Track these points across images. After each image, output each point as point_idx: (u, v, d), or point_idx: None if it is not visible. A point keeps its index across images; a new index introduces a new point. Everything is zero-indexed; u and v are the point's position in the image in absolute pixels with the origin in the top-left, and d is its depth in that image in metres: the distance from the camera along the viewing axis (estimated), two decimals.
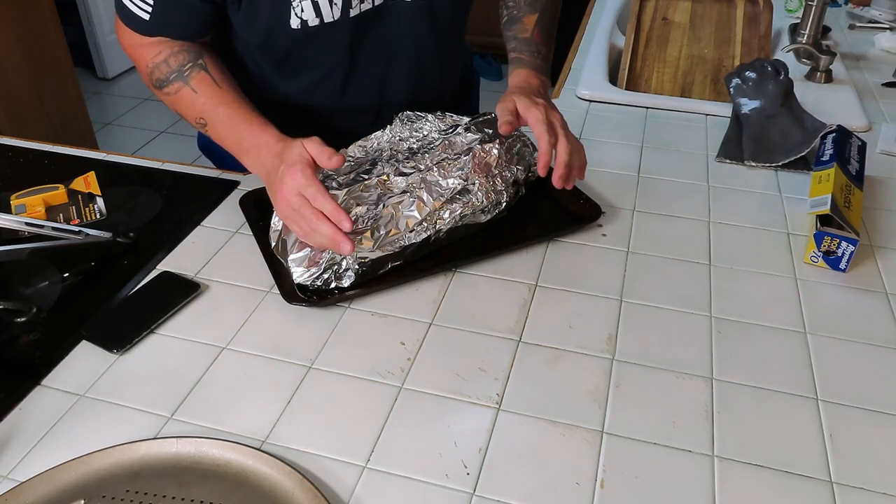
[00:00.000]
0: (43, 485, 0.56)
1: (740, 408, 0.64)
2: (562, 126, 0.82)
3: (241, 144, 0.82)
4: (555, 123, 0.81)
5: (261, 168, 0.80)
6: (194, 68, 0.84)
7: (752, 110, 1.07)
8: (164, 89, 0.86)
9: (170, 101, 0.87)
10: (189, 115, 0.86)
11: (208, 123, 0.84)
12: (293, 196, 0.73)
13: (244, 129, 0.82)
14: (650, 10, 1.38)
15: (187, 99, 0.85)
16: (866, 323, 0.74)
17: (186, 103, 0.85)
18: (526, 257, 0.83)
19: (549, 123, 0.80)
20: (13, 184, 0.92)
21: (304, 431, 0.62)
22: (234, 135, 0.83)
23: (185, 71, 0.84)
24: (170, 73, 0.84)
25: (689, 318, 0.74)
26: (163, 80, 0.85)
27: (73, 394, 0.65)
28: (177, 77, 0.84)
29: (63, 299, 0.76)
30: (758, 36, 1.34)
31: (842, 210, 0.82)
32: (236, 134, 0.82)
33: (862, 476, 0.58)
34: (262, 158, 0.79)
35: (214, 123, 0.84)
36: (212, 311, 0.75)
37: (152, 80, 0.86)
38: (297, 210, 0.73)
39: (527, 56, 0.94)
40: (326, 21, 0.84)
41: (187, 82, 0.84)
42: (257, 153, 0.80)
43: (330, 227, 0.71)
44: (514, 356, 0.70)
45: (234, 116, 0.83)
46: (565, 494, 0.57)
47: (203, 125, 0.85)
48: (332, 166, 0.74)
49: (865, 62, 1.41)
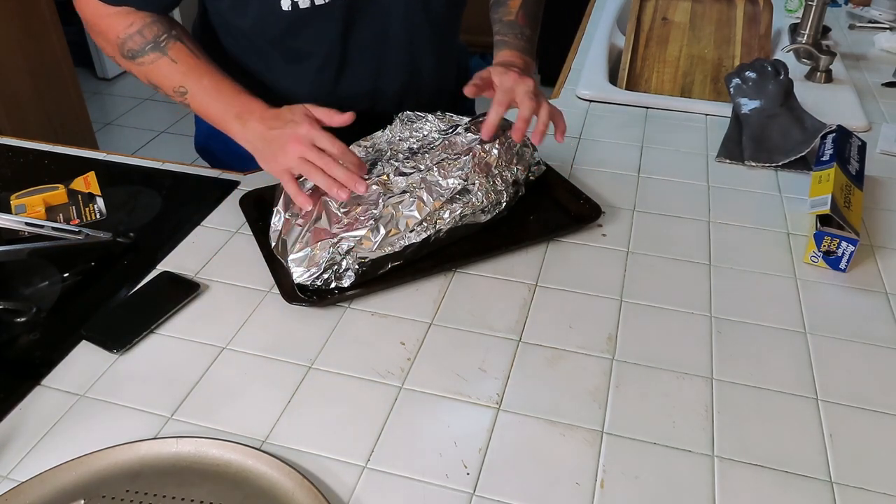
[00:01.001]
0: (43, 485, 0.56)
1: (740, 408, 0.64)
2: (529, 90, 0.83)
3: (229, 111, 0.82)
4: (519, 90, 0.82)
5: (252, 133, 0.80)
6: (170, 39, 0.84)
7: (752, 110, 1.07)
8: (138, 59, 0.85)
9: (143, 72, 0.86)
10: (166, 84, 0.86)
11: (189, 92, 0.84)
12: (306, 146, 0.76)
13: (232, 97, 0.82)
14: (650, 10, 1.38)
15: (165, 68, 0.84)
16: (866, 323, 0.74)
17: (164, 73, 0.85)
18: (526, 257, 0.83)
19: (509, 91, 0.82)
20: (13, 184, 0.92)
21: (304, 431, 0.62)
22: (220, 103, 0.83)
23: (162, 42, 0.84)
24: (145, 44, 0.84)
25: (689, 318, 0.74)
26: (137, 50, 0.85)
27: (72, 394, 0.65)
28: (153, 48, 0.84)
29: (63, 299, 0.76)
30: (758, 36, 1.34)
31: (842, 210, 0.82)
32: (223, 101, 0.83)
33: (862, 476, 0.58)
34: (253, 124, 0.80)
35: (197, 92, 0.84)
36: (212, 311, 0.75)
37: (123, 50, 0.85)
38: (310, 158, 0.75)
39: (511, 38, 0.95)
40: (317, 3, 0.84)
41: (165, 52, 0.84)
42: (248, 118, 0.81)
43: (343, 170, 0.75)
44: (514, 356, 0.70)
45: (220, 85, 0.83)
46: (565, 494, 0.57)
47: (183, 93, 0.85)
48: (341, 122, 0.76)
49: (865, 62, 1.41)
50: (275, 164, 0.79)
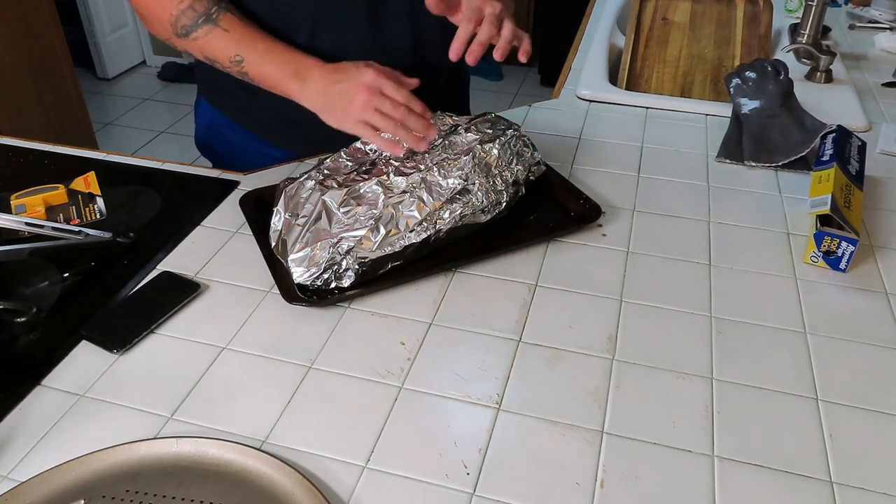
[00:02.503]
0: (43, 485, 0.56)
1: (740, 408, 0.64)
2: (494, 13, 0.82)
3: (286, 70, 0.84)
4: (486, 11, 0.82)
5: (311, 91, 0.83)
6: (220, 10, 0.86)
7: (752, 110, 1.07)
8: (193, 34, 0.86)
9: (198, 47, 0.88)
10: (223, 55, 0.87)
11: (246, 59, 0.86)
12: (376, 96, 0.79)
13: (289, 57, 0.85)
14: (650, 10, 1.38)
15: (221, 40, 0.86)
16: (866, 323, 0.74)
17: (220, 44, 0.86)
18: (526, 257, 0.83)
19: (477, 11, 0.82)
20: (13, 184, 0.92)
21: (304, 431, 0.62)
22: (277, 63, 0.85)
23: (213, 14, 0.85)
24: (198, 17, 0.85)
25: (689, 318, 0.74)
26: (190, 26, 0.86)
27: (72, 394, 0.65)
28: (206, 20, 0.85)
29: (63, 299, 0.76)
30: (758, 36, 1.34)
31: (842, 210, 0.82)
32: (280, 62, 0.85)
33: (862, 476, 0.58)
34: (312, 82, 0.83)
35: (253, 57, 0.86)
36: (212, 311, 0.75)
37: (177, 28, 0.86)
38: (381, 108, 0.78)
39: None
40: None
41: (217, 23, 0.85)
42: (307, 75, 0.83)
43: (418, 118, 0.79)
44: (514, 356, 0.70)
45: (275, 48, 0.85)
46: (565, 494, 0.57)
47: (239, 61, 0.86)
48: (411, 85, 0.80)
49: (865, 62, 1.41)
50: (345, 119, 0.81)
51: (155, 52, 3.78)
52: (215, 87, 1.05)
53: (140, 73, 3.76)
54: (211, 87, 1.07)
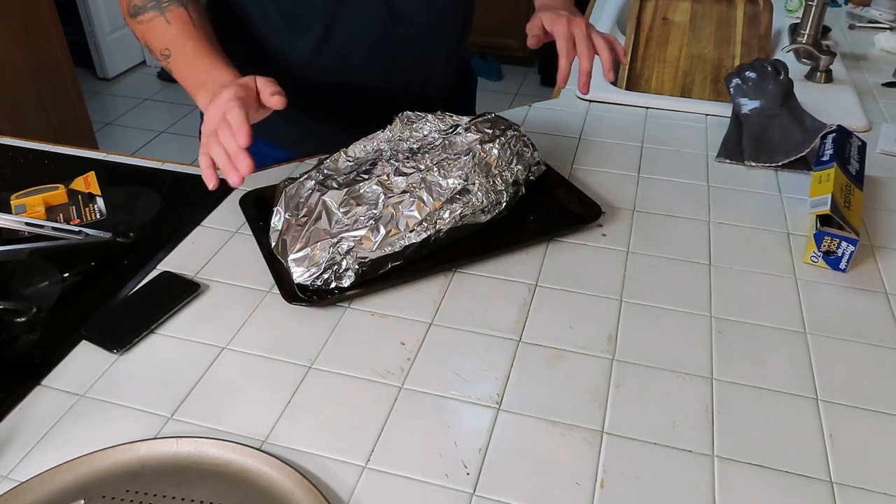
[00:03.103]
0: (43, 485, 0.56)
1: (740, 408, 0.64)
2: (585, 36, 0.89)
3: (198, 78, 0.80)
4: (576, 35, 0.88)
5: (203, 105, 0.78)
6: (173, 3, 0.85)
7: (752, 110, 1.07)
8: (139, 17, 0.86)
9: (140, 31, 0.87)
10: (156, 45, 0.85)
11: (172, 55, 0.83)
12: (217, 111, 0.71)
13: (207, 65, 0.81)
14: (650, 10, 1.38)
15: (158, 28, 0.84)
16: (866, 323, 0.74)
17: (157, 33, 0.85)
18: (526, 257, 0.83)
19: (569, 38, 0.88)
20: (13, 184, 0.92)
21: (304, 431, 0.62)
22: (193, 68, 0.82)
23: (164, 3, 0.84)
24: (148, 1, 0.85)
25: (689, 318, 0.74)
26: (139, 7, 0.85)
27: (72, 394, 0.65)
28: (154, 6, 0.84)
29: (63, 299, 0.76)
30: (758, 36, 1.34)
31: (842, 210, 0.82)
32: (196, 68, 0.81)
33: (862, 476, 0.58)
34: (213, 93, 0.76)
35: (178, 56, 0.83)
36: (212, 311, 0.75)
37: (129, 7, 0.86)
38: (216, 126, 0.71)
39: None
40: None
41: (163, 13, 0.84)
42: (211, 87, 0.77)
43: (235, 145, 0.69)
44: (514, 356, 0.70)
45: (200, 52, 0.82)
46: (565, 494, 0.57)
47: (167, 56, 0.84)
48: (273, 105, 0.73)
49: (865, 62, 1.41)
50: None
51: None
52: None
53: (140, 73, 3.76)
54: None
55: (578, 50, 0.89)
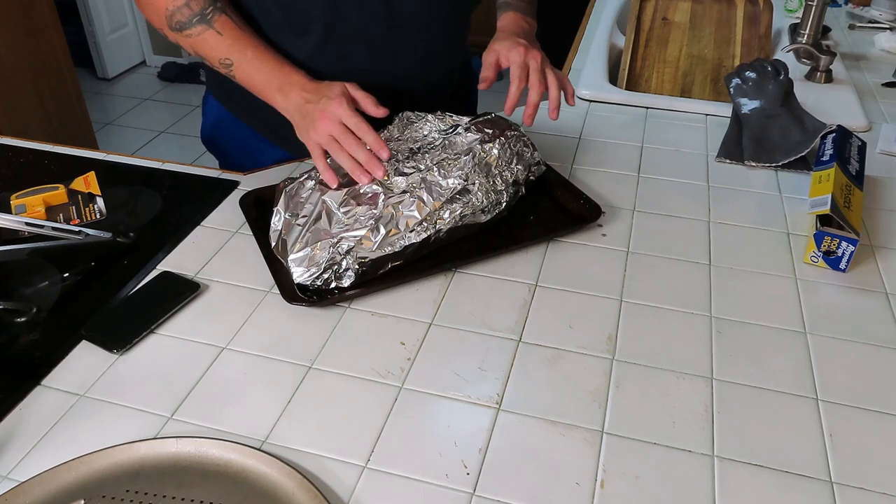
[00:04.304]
0: (43, 485, 0.56)
1: (740, 408, 0.64)
2: (538, 68, 0.88)
3: (272, 82, 0.85)
4: (531, 66, 0.88)
5: (292, 104, 0.83)
6: (216, 12, 0.86)
7: (752, 110, 1.07)
8: (185, 31, 0.87)
9: (190, 44, 0.88)
10: (213, 56, 0.88)
11: (234, 63, 0.87)
12: (334, 124, 0.78)
13: (275, 69, 0.85)
14: (650, 10, 1.38)
15: (212, 41, 0.86)
16: (866, 323, 0.74)
17: (211, 45, 0.87)
18: (526, 257, 0.83)
19: (523, 66, 0.87)
20: (13, 184, 0.92)
21: (304, 431, 0.62)
22: (264, 73, 0.86)
23: (208, 14, 0.86)
24: (192, 16, 0.86)
25: (689, 318, 0.74)
26: (185, 22, 0.86)
27: (72, 394, 0.65)
28: (200, 20, 0.86)
29: (63, 299, 0.76)
30: (758, 36, 1.34)
31: (842, 210, 0.82)
32: (267, 72, 0.85)
33: (862, 476, 0.58)
34: (294, 95, 0.83)
35: (242, 63, 0.86)
36: (212, 311, 0.75)
37: (171, 23, 0.87)
38: (335, 137, 0.78)
39: (513, 0, 1.00)
40: None
41: (211, 25, 0.86)
42: (289, 90, 0.83)
43: (366, 153, 0.78)
44: (514, 356, 0.70)
45: (263, 57, 0.86)
46: (565, 494, 0.57)
47: (228, 65, 0.87)
48: (378, 114, 0.79)
49: (865, 62, 1.41)
50: (306, 139, 0.82)
51: (155, 53, 3.78)
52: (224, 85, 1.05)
53: (140, 73, 3.76)
54: (220, 84, 1.07)
55: (530, 81, 0.88)
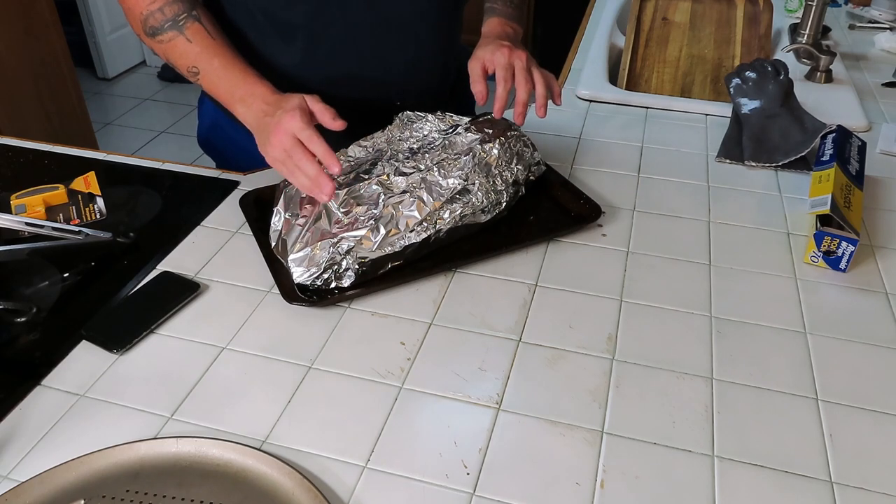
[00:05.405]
0: (43, 485, 0.56)
1: (740, 408, 0.64)
2: (524, 67, 0.87)
3: (235, 93, 0.83)
4: (516, 65, 0.87)
5: (252, 117, 0.81)
6: (189, 19, 0.85)
7: (752, 110, 1.07)
8: (157, 37, 0.86)
9: (161, 50, 0.88)
10: (181, 63, 0.87)
11: (201, 72, 0.85)
12: (287, 137, 0.74)
13: (239, 79, 0.83)
14: (650, 10, 1.38)
15: (181, 48, 0.86)
16: (866, 323, 0.74)
17: (180, 52, 0.86)
18: (526, 257, 0.83)
19: (508, 67, 0.86)
20: (13, 184, 0.92)
21: (304, 431, 0.62)
22: (227, 83, 0.84)
23: (181, 21, 0.85)
24: (164, 21, 0.85)
25: (689, 318, 0.74)
26: (157, 27, 0.86)
27: (72, 394, 0.65)
28: (171, 26, 0.85)
29: (63, 299, 0.76)
30: (758, 36, 1.34)
31: (842, 210, 0.82)
32: (230, 83, 0.84)
33: (862, 476, 0.58)
34: (255, 107, 0.80)
35: (208, 72, 0.85)
36: (212, 311, 0.75)
37: (145, 27, 0.87)
38: (287, 151, 0.75)
39: (499, 5, 0.98)
40: None
41: (182, 31, 0.85)
42: (251, 101, 0.81)
43: (315, 168, 0.73)
44: (514, 356, 0.70)
45: (230, 66, 0.84)
46: (565, 494, 0.57)
47: (195, 73, 0.86)
48: (335, 128, 0.76)
49: (865, 62, 1.41)
50: (264, 152, 0.79)
51: (155, 53, 3.78)
52: None
53: (140, 73, 3.76)
54: None
55: (516, 81, 0.87)
